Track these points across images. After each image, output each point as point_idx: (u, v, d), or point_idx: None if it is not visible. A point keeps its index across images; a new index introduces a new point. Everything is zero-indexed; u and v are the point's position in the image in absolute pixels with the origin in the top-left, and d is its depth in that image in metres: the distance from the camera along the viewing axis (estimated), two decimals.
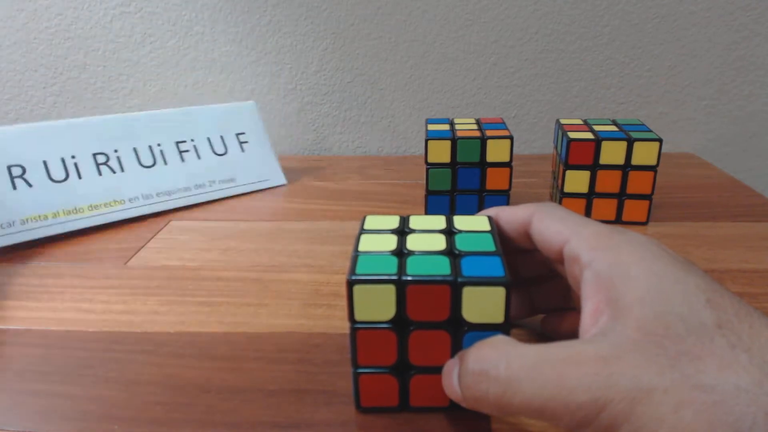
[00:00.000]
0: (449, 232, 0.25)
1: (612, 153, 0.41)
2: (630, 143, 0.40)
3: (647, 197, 0.42)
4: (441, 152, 0.42)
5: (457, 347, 0.22)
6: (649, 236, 0.22)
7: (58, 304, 0.34)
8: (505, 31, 0.61)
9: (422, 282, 0.22)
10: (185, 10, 0.62)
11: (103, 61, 0.64)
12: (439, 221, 0.26)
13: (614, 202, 0.43)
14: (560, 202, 0.44)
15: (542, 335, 0.29)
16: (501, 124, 0.45)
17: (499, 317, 0.22)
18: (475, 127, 0.44)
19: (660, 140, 0.40)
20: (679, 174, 0.54)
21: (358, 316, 0.22)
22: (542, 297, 0.28)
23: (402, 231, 0.25)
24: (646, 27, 0.60)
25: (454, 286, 0.21)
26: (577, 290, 0.22)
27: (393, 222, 0.26)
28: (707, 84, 0.62)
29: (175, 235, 0.43)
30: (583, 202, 0.43)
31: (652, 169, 0.41)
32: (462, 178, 0.43)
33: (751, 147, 0.64)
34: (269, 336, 0.30)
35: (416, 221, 0.26)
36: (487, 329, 0.22)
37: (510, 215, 0.26)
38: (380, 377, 0.23)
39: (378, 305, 0.22)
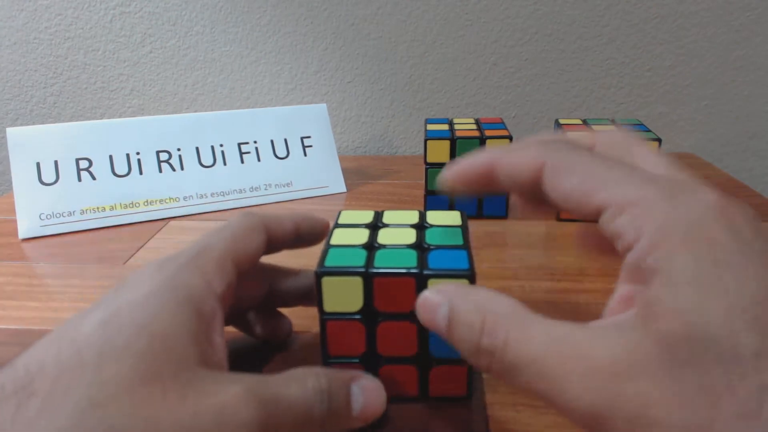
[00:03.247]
0: (420, 226, 0.25)
1: None
2: None
3: None
4: (440, 152, 0.42)
5: (423, 338, 0.23)
6: (722, 202, 0.17)
7: (57, 304, 0.34)
8: (505, 31, 0.61)
9: (388, 274, 0.22)
10: (185, 10, 0.62)
11: (103, 61, 0.64)
12: (412, 216, 0.26)
13: None
14: None
15: None
16: (500, 124, 0.45)
17: None
18: (474, 127, 0.44)
19: (659, 140, 0.40)
20: None
21: (327, 307, 0.23)
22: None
23: (375, 225, 0.26)
24: (646, 27, 0.60)
25: (419, 278, 0.22)
26: (619, 248, 0.18)
27: (367, 217, 0.26)
28: (707, 84, 0.61)
29: (173, 236, 0.43)
30: None
31: None
32: None
33: (751, 147, 0.64)
34: None
35: (390, 216, 0.26)
36: None
37: (511, 167, 0.20)
38: (349, 367, 0.24)
39: (346, 297, 0.22)
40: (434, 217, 0.26)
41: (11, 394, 0.17)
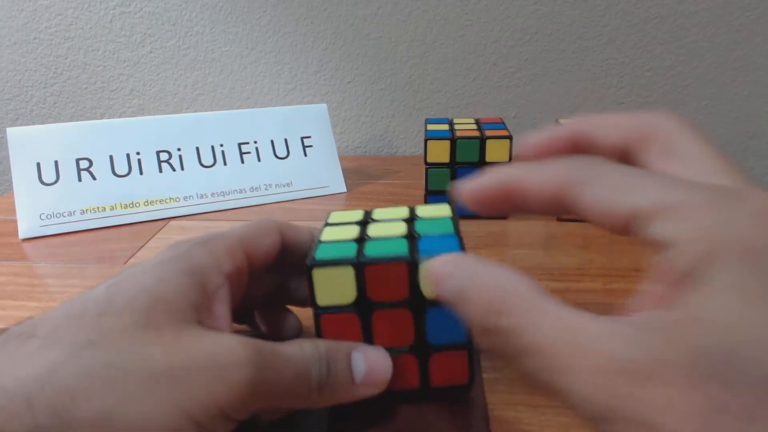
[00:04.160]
0: (410, 219, 0.25)
1: None
2: None
3: None
4: (440, 152, 0.42)
5: (420, 325, 0.23)
6: None
7: (58, 304, 0.34)
8: (505, 31, 0.61)
9: (379, 262, 0.22)
10: (185, 10, 0.62)
11: (103, 61, 0.64)
12: (402, 211, 0.26)
13: None
14: None
15: None
16: (500, 124, 0.45)
17: None
18: (474, 127, 0.44)
19: None
20: None
21: (320, 300, 0.22)
22: None
23: (365, 222, 0.25)
24: (646, 27, 0.60)
25: (411, 263, 0.22)
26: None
27: (357, 215, 0.26)
28: (707, 84, 0.61)
29: (174, 236, 0.43)
30: None
31: None
32: (461, 178, 0.42)
33: (751, 147, 0.64)
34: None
35: (379, 213, 0.26)
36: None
37: (532, 187, 0.18)
38: None
39: (339, 288, 0.22)
40: (424, 210, 0.26)
41: (14, 336, 0.18)
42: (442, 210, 0.26)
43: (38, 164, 0.44)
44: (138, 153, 0.47)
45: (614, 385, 0.14)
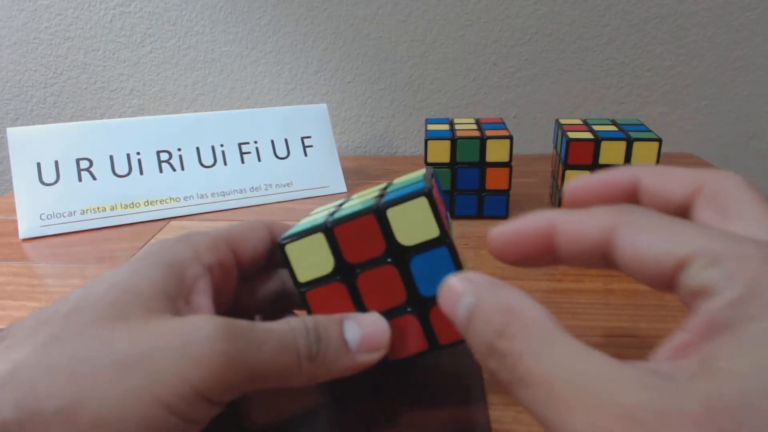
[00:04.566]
0: (385, 188, 0.25)
1: (611, 153, 0.41)
2: (629, 143, 0.40)
3: None
4: (440, 152, 0.42)
5: (407, 278, 0.22)
6: None
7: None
8: (505, 31, 0.61)
9: (347, 220, 0.21)
10: (185, 10, 0.62)
11: (103, 61, 0.64)
12: (380, 187, 0.26)
13: None
14: (560, 203, 0.44)
15: None
16: (501, 124, 0.45)
17: (432, 230, 0.21)
18: (474, 127, 0.44)
19: (659, 140, 0.40)
20: None
21: (301, 277, 0.22)
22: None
23: (340, 204, 0.25)
24: (646, 27, 0.60)
25: (377, 212, 0.21)
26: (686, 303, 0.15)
27: (336, 203, 0.26)
28: (707, 84, 0.61)
29: (174, 236, 0.43)
30: None
31: None
32: (461, 178, 0.43)
33: (751, 147, 0.64)
34: None
35: (357, 194, 0.26)
36: (429, 247, 0.21)
37: (575, 231, 0.17)
38: None
39: (315, 259, 0.22)
40: (401, 178, 0.26)
41: None
42: (417, 174, 0.25)
43: (38, 164, 0.44)
44: (138, 153, 0.47)
45: (612, 429, 0.13)
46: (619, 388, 0.13)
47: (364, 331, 0.21)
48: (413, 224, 0.21)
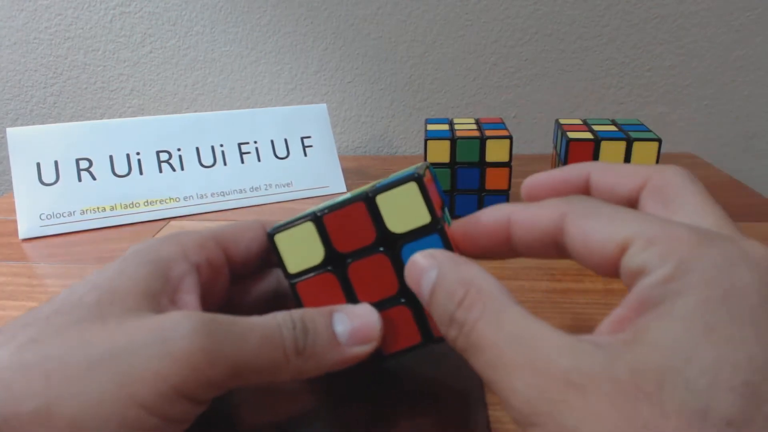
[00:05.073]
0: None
1: (611, 153, 0.41)
2: (629, 143, 0.40)
3: None
4: (440, 152, 0.42)
5: (399, 267, 0.21)
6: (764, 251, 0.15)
7: None
8: (505, 31, 0.61)
9: (337, 208, 0.21)
10: (185, 10, 0.62)
11: (103, 61, 0.64)
12: (370, 185, 0.25)
13: None
14: None
15: None
16: (500, 124, 0.45)
17: (423, 216, 0.21)
18: (474, 127, 0.44)
19: (659, 140, 0.40)
20: None
21: (291, 268, 0.22)
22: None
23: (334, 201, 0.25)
24: (646, 27, 0.60)
25: (367, 200, 0.21)
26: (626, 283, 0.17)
27: (328, 201, 0.26)
28: (707, 84, 0.61)
29: None
30: None
31: None
32: (461, 178, 0.43)
33: (751, 147, 0.64)
34: None
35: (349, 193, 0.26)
36: (421, 235, 0.21)
37: (528, 221, 0.19)
38: None
39: (305, 249, 0.22)
40: (393, 174, 0.25)
41: None
42: (413, 166, 0.24)
43: (38, 164, 0.44)
44: (138, 153, 0.47)
45: (548, 388, 0.14)
46: (557, 354, 0.15)
47: (354, 324, 0.21)
48: (404, 211, 0.21)
